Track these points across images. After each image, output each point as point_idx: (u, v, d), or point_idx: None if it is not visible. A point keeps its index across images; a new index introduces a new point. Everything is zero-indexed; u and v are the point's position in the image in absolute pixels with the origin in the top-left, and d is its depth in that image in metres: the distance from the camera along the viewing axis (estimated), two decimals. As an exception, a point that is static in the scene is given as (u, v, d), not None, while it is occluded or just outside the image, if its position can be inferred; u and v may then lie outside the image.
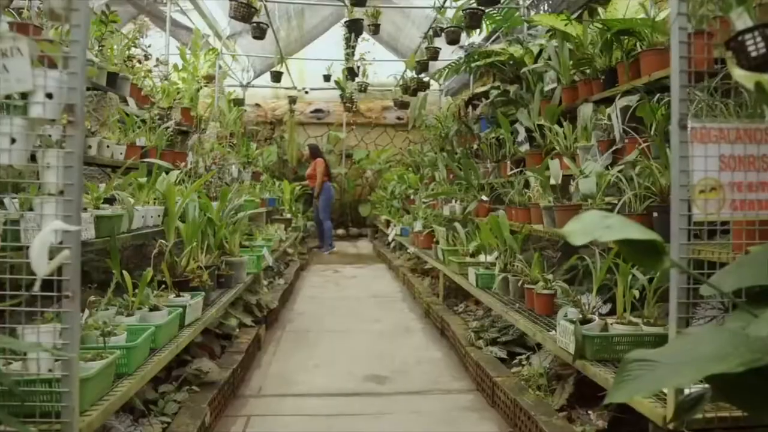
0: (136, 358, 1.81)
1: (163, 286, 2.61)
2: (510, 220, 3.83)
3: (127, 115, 4.13)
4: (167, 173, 3.47)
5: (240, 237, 3.79)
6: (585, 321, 2.06)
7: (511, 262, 3.35)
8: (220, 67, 9.35)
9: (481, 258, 4.18)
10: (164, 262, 2.57)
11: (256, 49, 10.12)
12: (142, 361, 1.88)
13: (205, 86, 8.45)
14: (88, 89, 4.04)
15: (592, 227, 1.02)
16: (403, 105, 9.86)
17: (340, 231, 11.29)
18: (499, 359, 2.95)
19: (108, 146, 3.41)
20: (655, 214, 2.31)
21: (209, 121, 6.90)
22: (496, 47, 6.27)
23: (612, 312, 2.63)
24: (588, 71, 4.28)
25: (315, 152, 9.67)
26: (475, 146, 6.65)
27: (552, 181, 3.27)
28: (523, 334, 2.96)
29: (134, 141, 3.83)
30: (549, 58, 5.09)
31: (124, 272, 2.19)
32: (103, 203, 2.59)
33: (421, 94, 9.37)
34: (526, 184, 4.27)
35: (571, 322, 2.01)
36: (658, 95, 2.80)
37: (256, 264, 3.96)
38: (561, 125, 4.08)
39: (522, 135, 4.91)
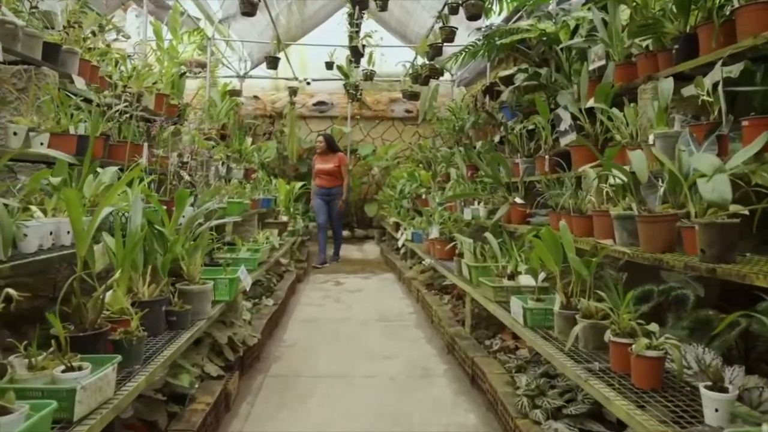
0: None
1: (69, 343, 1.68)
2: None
3: (69, 96, 3.24)
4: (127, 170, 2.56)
5: (203, 254, 2.84)
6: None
7: (576, 294, 2.39)
8: (212, 53, 8.46)
9: (522, 279, 3.23)
10: (52, 311, 1.63)
11: (252, 35, 9.24)
12: None
13: (193, 74, 7.55)
14: (14, 63, 3.15)
15: None
16: (412, 96, 8.91)
17: (345, 232, 10.35)
18: (569, 443, 2.00)
19: (15, 133, 2.49)
20: None
21: (191, 110, 5.99)
22: (523, 24, 5.30)
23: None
24: (649, 43, 3.37)
25: (332, 144, 7.86)
26: (497, 139, 5.75)
27: (641, 179, 2.31)
28: (599, 402, 2.01)
29: (67, 129, 2.91)
30: (590, 31, 4.17)
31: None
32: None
33: (432, 83, 8.40)
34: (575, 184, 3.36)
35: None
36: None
37: (229, 289, 3.02)
38: (621, 110, 3.19)
39: (567, 122, 3.95)
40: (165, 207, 2.81)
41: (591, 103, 3.56)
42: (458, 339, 3.39)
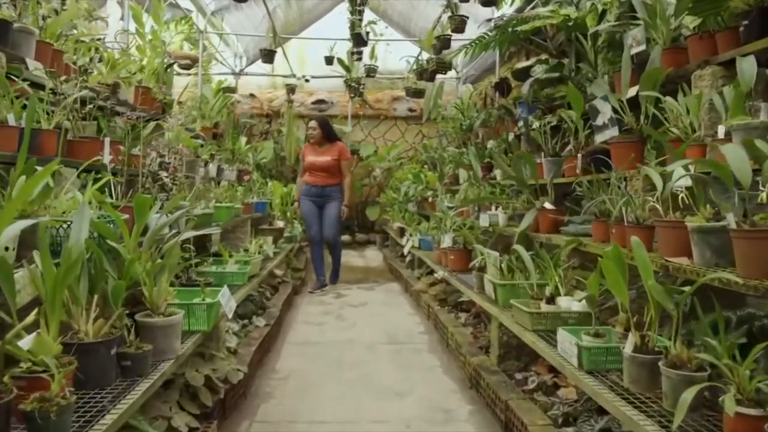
0: None
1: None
2: (602, 244, 2.31)
3: (12, 79, 2.70)
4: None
5: (171, 275, 2.29)
6: None
7: (655, 331, 1.82)
8: (205, 48, 7.92)
9: (562, 302, 2.67)
10: None
11: (247, 28, 8.71)
12: None
13: (181, 67, 7.00)
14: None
15: None
16: (416, 94, 8.37)
17: (345, 237, 9.78)
18: None
19: None
20: None
21: (177, 105, 5.44)
22: (543, 11, 4.77)
23: None
24: (699, 23, 2.88)
25: (330, 131, 5.74)
26: (512, 136, 5.22)
27: (743, 182, 1.75)
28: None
29: (5, 119, 2.37)
30: (620, 15, 3.66)
31: None
32: None
33: (438, 79, 7.86)
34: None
35: None
36: None
37: (207, 316, 2.47)
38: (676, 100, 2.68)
39: (606, 116, 3.42)
40: (127, 216, 2.27)
41: (632, 92, 3.04)
42: (484, 373, 2.82)
